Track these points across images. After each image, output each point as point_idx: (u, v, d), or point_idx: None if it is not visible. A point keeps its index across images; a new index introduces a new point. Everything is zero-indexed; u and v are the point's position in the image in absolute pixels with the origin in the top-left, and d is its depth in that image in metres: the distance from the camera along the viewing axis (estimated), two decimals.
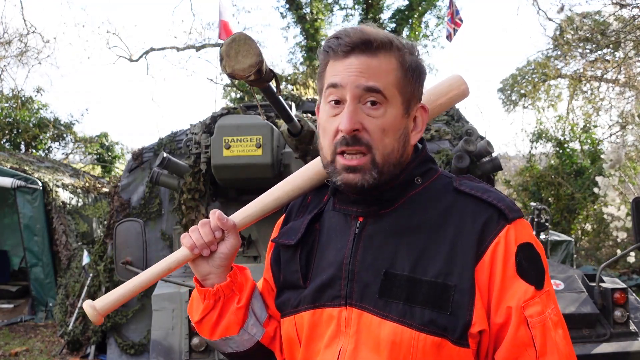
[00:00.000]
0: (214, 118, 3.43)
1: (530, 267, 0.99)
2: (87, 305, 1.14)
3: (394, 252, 1.02)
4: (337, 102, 1.02)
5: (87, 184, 8.78)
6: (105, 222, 5.70)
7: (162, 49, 14.10)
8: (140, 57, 14.15)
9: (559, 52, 11.44)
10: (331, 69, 1.04)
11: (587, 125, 10.03)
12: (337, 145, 1.01)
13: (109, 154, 13.89)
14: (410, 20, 13.15)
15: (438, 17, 13.97)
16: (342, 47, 1.01)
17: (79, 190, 8.32)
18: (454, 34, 9.12)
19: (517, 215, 1.02)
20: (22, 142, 12.27)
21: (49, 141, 13.02)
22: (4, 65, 12.94)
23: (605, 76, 10.14)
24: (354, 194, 1.05)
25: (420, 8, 13.13)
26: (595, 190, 8.38)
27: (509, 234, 0.99)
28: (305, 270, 1.10)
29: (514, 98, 14.73)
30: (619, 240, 8.24)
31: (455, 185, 1.07)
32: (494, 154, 3.24)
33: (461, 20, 9.04)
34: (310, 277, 1.09)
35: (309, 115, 4.26)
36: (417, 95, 1.07)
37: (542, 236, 6.21)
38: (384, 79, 1.00)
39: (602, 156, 9.12)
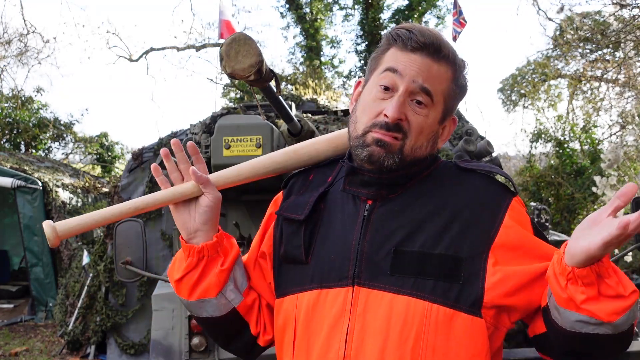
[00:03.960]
0: (214, 118, 3.43)
1: (540, 233, 1.08)
2: (47, 225, 1.10)
3: (402, 230, 1.04)
4: (387, 88, 1.05)
5: (87, 184, 8.78)
6: None
7: (162, 48, 14.08)
8: (140, 57, 14.13)
9: (559, 52, 11.43)
10: (393, 55, 1.07)
11: (587, 125, 10.03)
12: (374, 125, 1.05)
13: (109, 154, 13.88)
14: (410, 20, 13.14)
15: (438, 17, 13.96)
16: (413, 42, 1.04)
17: (79, 190, 8.32)
18: (458, 35, 9.12)
19: (517, 191, 1.11)
20: (22, 142, 12.27)
21: (49, 141, 13.02)
22: (4, 65, 12.93)
23: (605, 76, 10.14)
24: (371, 167, 1.07)
25: (420, 8, 13.12)
26: (594, 189, 8.36)
27: (517, 205, 1.09)
28: (308, 246, 1.11)
29: (514, 98, 14.73)
30: None
31: (461, 165, 1.12)
32: (494, 154, 3.24)
33: (465, 21, 9.03)
34: (312, 254, 1.10)
35: (309, 115, 4.26)
36: (453, 109, 1.13)
37: None
38: (438, 85, 1.06)
39: (601, 156, 9.11)
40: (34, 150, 12.20)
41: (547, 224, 6.15)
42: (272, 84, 1.57)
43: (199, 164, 1.13)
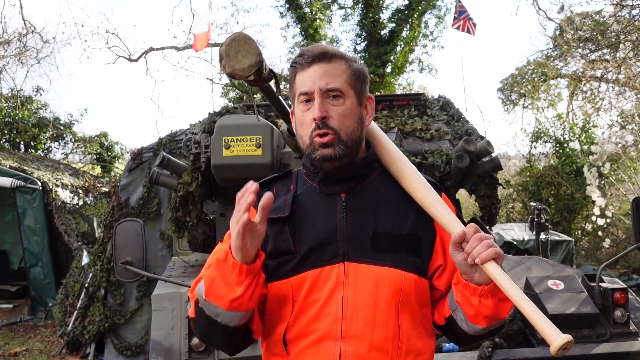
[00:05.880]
0: (212, 118, 3.42)
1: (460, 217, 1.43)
2: None
3: (374, 216, 1.34)
4: (308, 100, 1.33)
5: (86, 184, 8.77)
6: (105, 222, 5.71)
7: (162, 48, 14.09)
8: (140, 57, 14.16)
9: (558, 52, 11.42)
10: (299, 79, 1.34)
11: (587, 125, 10.02)
12: (313, 131, 1.31)
13: (109, 153, 13.86)
14: (409, 20, 13.12)
15: (438, 17, 13.94)
16: (306, 58, 1.33)
17: (79, 190, 8.31)
18: (467, 30, 9.14)
19: (443, 188, 1.48)
20: (22, 142, 12.25)
21: (49, 141, 13.00)
22: (3, 65, 12.93)
23: (605, 76, 10.14)
24: (330, 164, 1.32)
25: (419, 8, 13.09)
26: (588, 188, 8.25)
27: (444, 196, 1.43)
28: (294, 238, 1.33)
29: (513, 98, 14.72)
30: (606, 245, 8.20)
31: None
32: (493, 154, 3.23)
33: (474, 25, 9.04)
34: (299, 243, 1.32)
35: None
36: (365, 90, 1.39)
37: (542, 236, 6.20)
38: (339, 78, 1.32)
39: (592, 148, 8.98)
40: (33, 150, 12.19)
41: (547, 224, 6.13)
42: (272, 84, 1.57)
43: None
